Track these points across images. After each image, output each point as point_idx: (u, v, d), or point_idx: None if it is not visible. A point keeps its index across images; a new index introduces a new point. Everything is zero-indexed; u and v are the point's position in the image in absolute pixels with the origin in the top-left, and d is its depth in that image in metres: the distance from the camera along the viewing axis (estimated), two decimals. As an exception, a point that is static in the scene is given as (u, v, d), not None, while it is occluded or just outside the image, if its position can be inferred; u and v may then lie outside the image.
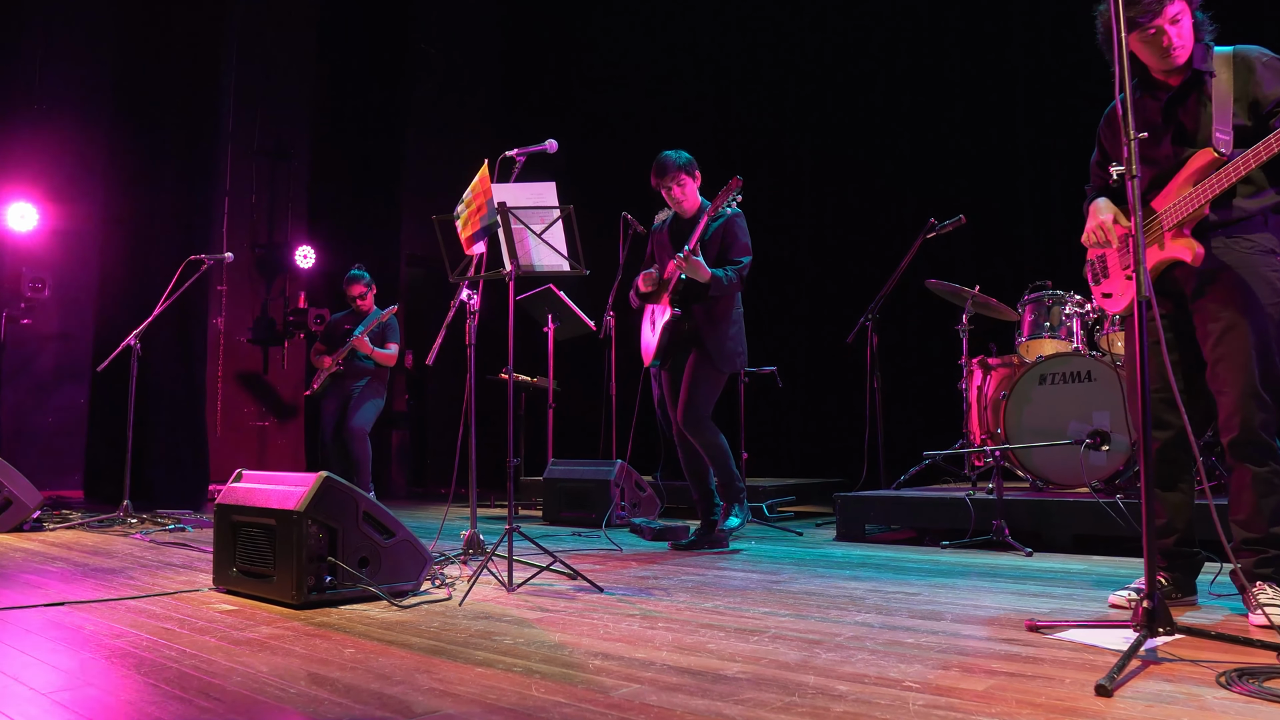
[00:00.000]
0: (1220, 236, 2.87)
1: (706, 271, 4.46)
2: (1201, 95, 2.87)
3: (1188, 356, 2.98)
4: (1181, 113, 2.92)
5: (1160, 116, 2.96)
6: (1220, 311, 2.86)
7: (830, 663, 2.27)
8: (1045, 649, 2.41)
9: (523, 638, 2.58)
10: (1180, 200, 2.88)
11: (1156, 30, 2.84)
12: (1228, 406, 2.85)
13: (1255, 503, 2.83)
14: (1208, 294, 2.88)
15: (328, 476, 3.09)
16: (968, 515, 4.76)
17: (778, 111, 8.47)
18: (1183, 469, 3.07)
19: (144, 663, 2.30)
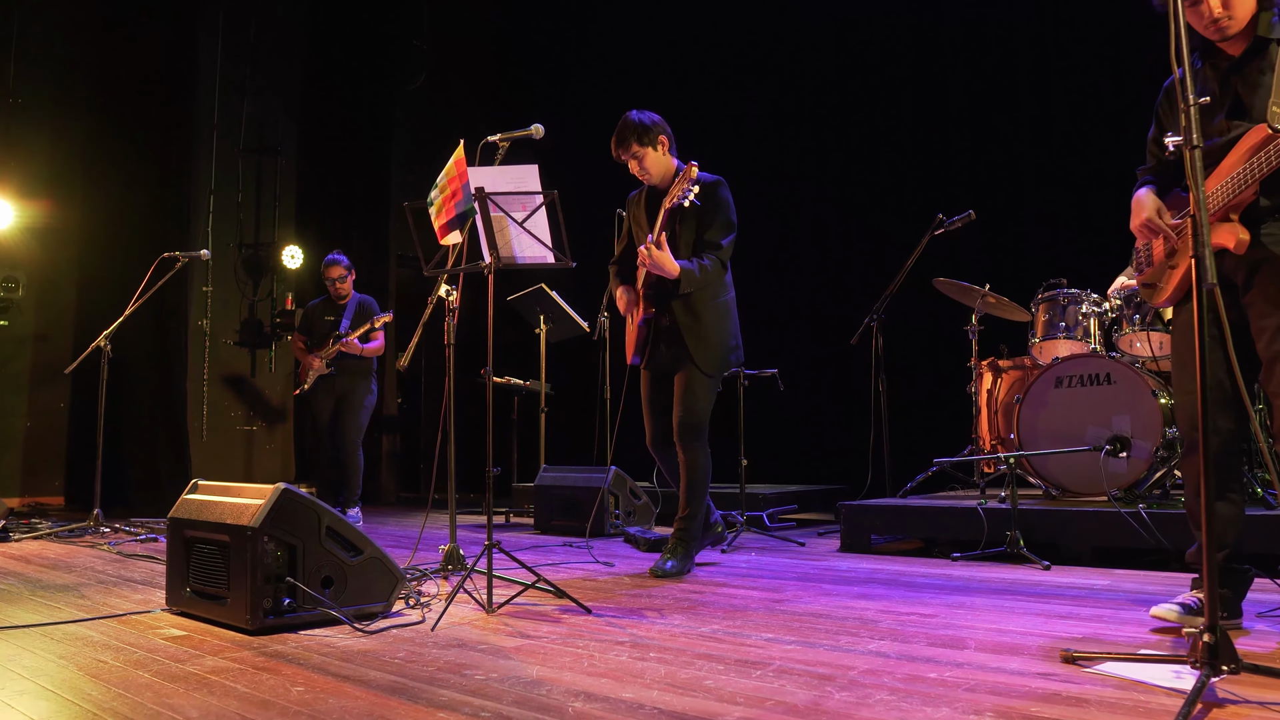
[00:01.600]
0: (1273, 223, 2.59)
1: (674, 266, 3.80)
2: (1264, 65, 2.60)
3: (1241, 353, 2.69)
4: (1239, 83, 2.66)
5: (1218, 86, 2.69)
6: (1272, 307, 2.59)
7: (845, 705, 1.99)
8: (1088, 686, 2.13)
9: (496, 672, 2.30)
10: (1228, 181, 2.61)
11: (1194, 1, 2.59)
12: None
13: None
14: (1259, 287, 2.61)
15: (285, 488, 2.81)
16: (980, 525, 4.49)
17: (781, 104, 8.19)
18: (1233, 477, 2.79)
19: (61, 706, 2.02)
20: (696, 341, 3.98)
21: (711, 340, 4.01)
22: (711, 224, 3.96)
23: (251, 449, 9.08)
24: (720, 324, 4.04)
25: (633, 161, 4.04)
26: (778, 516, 6.24)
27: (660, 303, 4.00)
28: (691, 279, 3.87)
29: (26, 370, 7.72)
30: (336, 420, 6.56)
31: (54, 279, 7.78)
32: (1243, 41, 2.66)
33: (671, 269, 3.80)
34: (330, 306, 6.70)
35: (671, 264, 3.80)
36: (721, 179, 4.04)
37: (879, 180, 7.54)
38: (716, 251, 3.95)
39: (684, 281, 3.85)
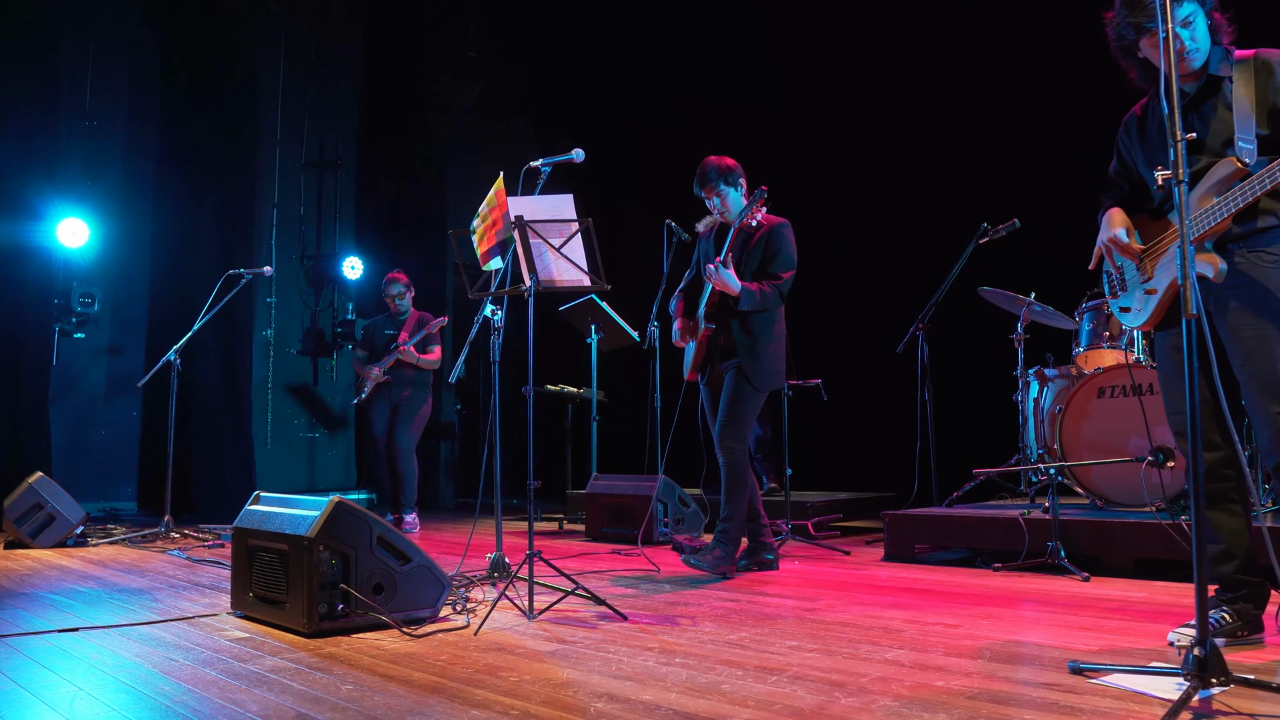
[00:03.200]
0: (1242, 250, 2.69)
1: (735, 285, 4.22)
2: (1218, 102, 2.72)
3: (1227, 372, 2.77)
4: (1195, 119, 2.76)
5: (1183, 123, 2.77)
6: (1245, 329, 2.67)
7: (848, 710, 2.11)
8: (1087, 696, 2.22)
9: (529, 674, 2.46)
10: (1203, 213, 2.68)
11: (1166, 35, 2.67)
12: (1264, 430, 2.67)
13: None
14: (1231, 311, 2.69)
15: (340, 501, 3.01)
16: (1021, 536, 4.54)
17: (827, 118, 8.26)
18: (1234, 489, 2.85)
19: (141, 697, 2.23)
20: (749, 357, 4.33)
21: (763, 359, 4.36)
22: (774, 259, 4.37)
23: (314, 456, 9.42)
24: (771, 347, 4.40)
25: (714, 199, 4.44)
26: (825, 525, 6.33)
27: (720, 321, 4.40)
28: (751, 298, 4.26)
29: (102, 381, 8.10)
30: (393, 429, 6.80)
31: (126, 293, 8.16)
32: (1195, 79, 2.76)
33: (734, 287, 4.22)
34: (390, 321, 6.95)
35: (734, 282, 4.22)
36: (787, 221, 4.46)
37: (925, 190, 7.57)
38: (776, 283, 4.33)
39: (744, 299, 4.25)
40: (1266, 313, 2.63)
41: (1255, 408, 2.69)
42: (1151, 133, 2.90)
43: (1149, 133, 2.91)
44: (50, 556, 5.06)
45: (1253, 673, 2.43)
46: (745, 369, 4.31)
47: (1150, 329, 3.01)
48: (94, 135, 7.96)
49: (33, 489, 5.36)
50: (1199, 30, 2.70)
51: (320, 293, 9.40)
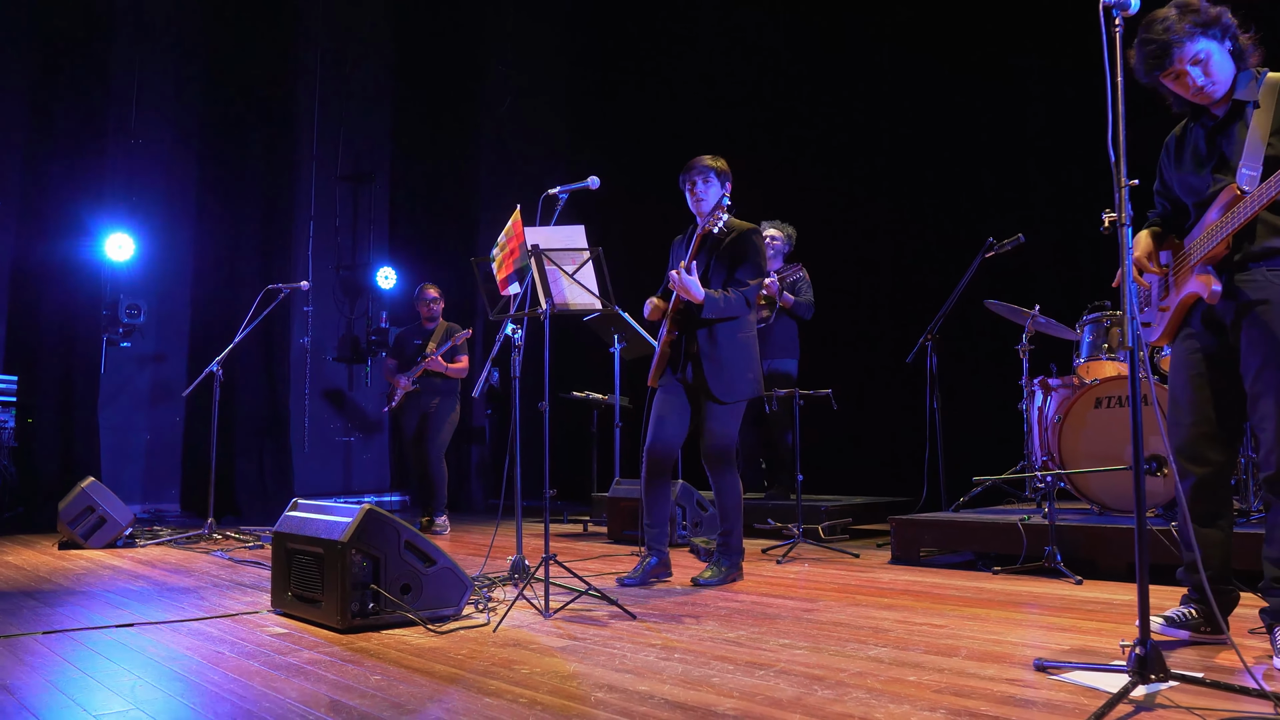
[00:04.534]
0: (1261, 268, 2.82)
1: (699, 293, 4.14)
2: (1243, 125, 2.84)
3: (1233, 390, 2.94)
4: (1223, 142, 2.90)
5: (1207, 145, 2.95)
6: (1258, 347, 2.80)
7: (822, 700, 2.36)
8: (1044, 691, 2.45)
9: (540, 667, 2.73)
10: (1205, 235, 2.88)
11: (1176, 74, 2.85)
12: (1267, 443, 2.81)
13: None
14: (1247, 328, 2.83)
15: (370, 509, 3.29)
16: (1020, 540, 4.74)
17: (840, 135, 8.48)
18: (1222, 504, 3.04)
19: (189, 687, 2.52)
20: (714, 368, 4.28)
21: (728, 369, 4.30)
22: (741, 265, 4.32)
23: (350, 459, 9.77)
24: (737, 355, 4.34)
25: (699, 183, 4.37)
26: (837, 529, 6.55)
27: (686, 329, 4.33)
28: (714, 306, 4.20)
29: (147, 388, 8.47)
30: (423, 435, 7.10)
31: (169, 304, 8.52)
32: (1224, 103, 2.92)
33: (697, 295, 4.16)
34: (419, 331, 7.25)
35: (697, 289, 4.16)
36: (757, 228, 4.44)
37: (933, 204, 7.77)
38: (742, 289, 4.29)
39: (706, 306, 4.19)
40: (1275, 330, 2.74)
41: (1257, 422, 2.83)
42: (1185, 156, 3.03)
43: (1184, 155, 3.04)
44: (102, 557, 5.40)
45: (1205, 670, 2.65)
46: (709, 382, 4.27)
47: (1164, 343, 3.20)
48: (138, 152, 8.33)
49: (85, 493, 5.70)
50: (1214, 64, 2.81)
51: (355, 302, 9.75)
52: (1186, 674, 2.41)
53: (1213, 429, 2.97)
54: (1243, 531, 3.74)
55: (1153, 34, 2.82)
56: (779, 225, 6.80)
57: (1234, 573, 3.10)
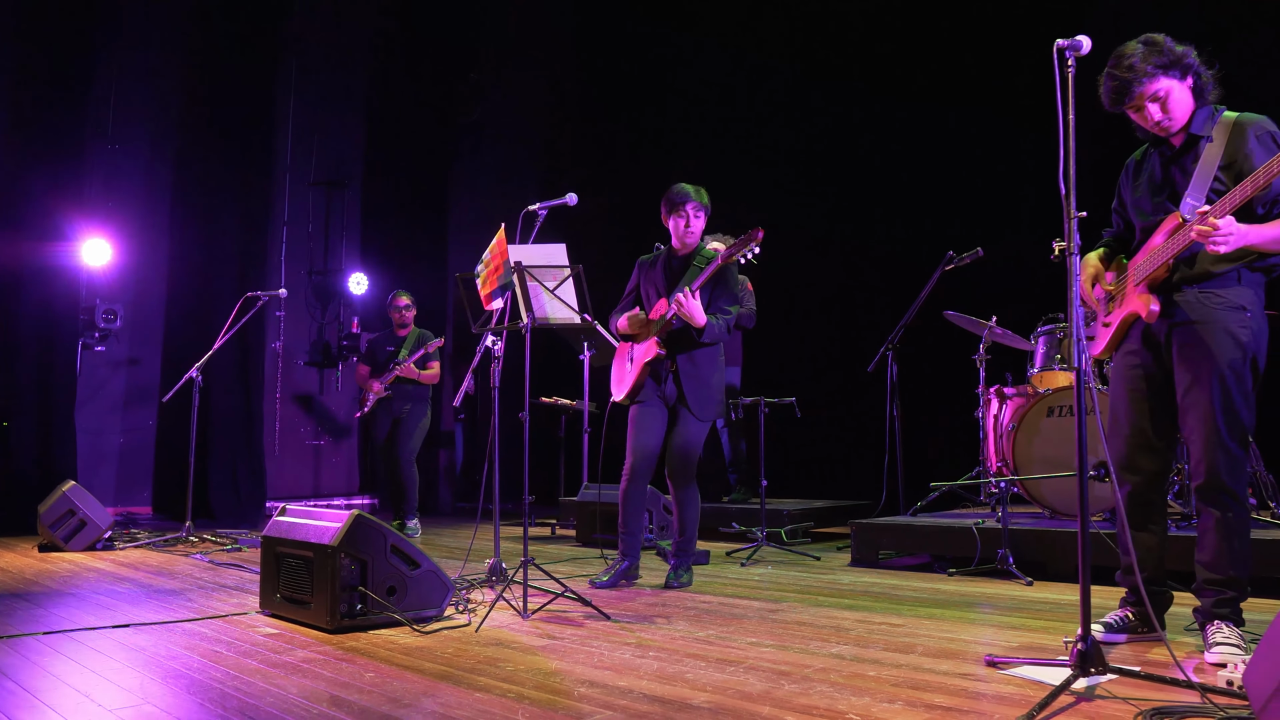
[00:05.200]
0: (1194, 290, 3.05)
1: (702, 317, 4.35)
2: (1194, 157, 3.06)
3: (1166, 403, 3.17)
4: (1176, 172, 3.12)
5: (1162, 173, 3.18)
6: (1189, 364, 3.03)
7: (789, 694, 2.55)
8: (993, 684, 2.65)
9: (524, 665, 2.90)
10: (1148, 258, 3.11)
11: (1137, 108, 3.08)
12: (1196, 454, 3.04)
13: (1218, 546, 3.03)
14: (1180, 346, 3.06)
15: (359, 515, 3.44)
16: (974, 543, 4.96)
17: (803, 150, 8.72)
18: (1156, 510, 3.27)
19: (194, 684, 2.66)
20: (695, 387, 4.51)
21: (706, 388, 4.54)
22: (725, 294, 4.57)
23: (319, 462, 9.86)
24: (715, 376, 4.59)
25: (689, 219, 4.58)
26: (799, 532, 6.77)
27: (671, 348, 4.53)
28: (713, 331, 4.44)
29: (120, 392, 8.52)
30: (394, 440, 7.21)
31: (144, 307, 8.57)
32: (1182, 135, 3.13)
33: (700, 319, 4.36)
34: (391, 338, 7.37)
35: (701, 314, 4.36)
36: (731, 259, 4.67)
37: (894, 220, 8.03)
38: (726, 317, 4.53)
39: (706, 331, 4.40)
40: (1206, 349, 2.99)
41: (1188, 435, 3.08)
42: (1142, 179, 3.26)
43: (1140, 179, 3.27)
44: (84, 559, 5.49)
45: (1142, 664, 2.87)
46: (689, 400, 4.49)
47: (1105, 356, 3.43)
48: (115, 157, 8.38)
49: (66, 496, 5.78)
50: (1173, 101, 3.03)
51: (327, 307, 9.84)
52: (1124, 667, 2.63)
53: (1147, 440, 3.20)
54: (1180, 535, 4.00)
55: (1119, 70, 3.05)
56: (721, 239, 6.99)
57: (1170, 574, 3.34)
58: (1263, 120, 3.03)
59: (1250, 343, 2.99)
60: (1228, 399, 2.98)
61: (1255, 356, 3.01)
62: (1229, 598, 3.03)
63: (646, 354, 4.56)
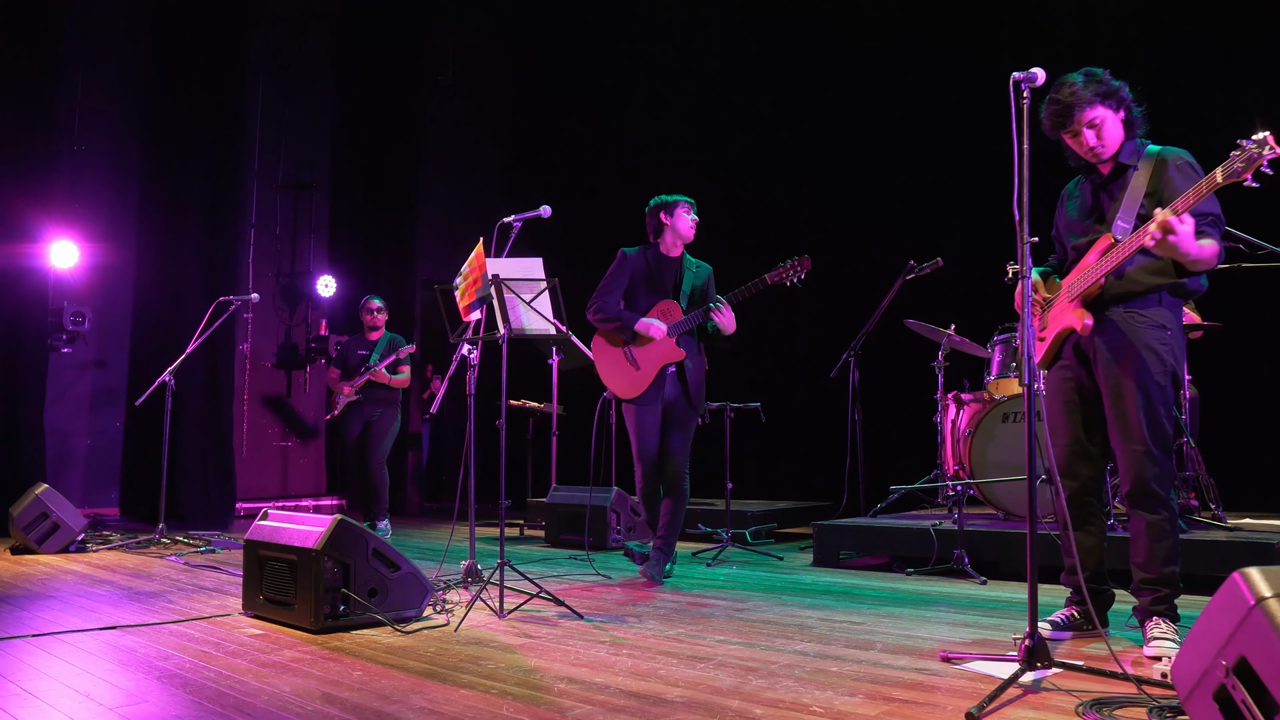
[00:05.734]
0: (1120, 309, 3.28)
1: (733, 326, 4.76)
2: (1122, 184, 3.31)
3: (1097, 413, 3.38)
4: (1105, 197, 3.37)
5: (1091, 197, 3.41)
6: (1115, 377, 3.27)
7: (757, 689, 2.71)
8: (948, 678, 2.83)
9: (504, 663, 3.03)
10: (1081, 275, 3.32)
11: (1074, 133, 3.30)
12: (1124, 463, 3.27)
13: (1150, 547, 3.24)
14: (1106, 361, 3.29)
15: (342, 519, 3.55)
16: (932, 544, 5.17)
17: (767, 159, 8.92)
18: (1093, 513, 3.49)
19: (189, 683, 2.77)
20: (697, 389, 4.90)
21: (703, 388, 4.97)
22: (709, 297, 4.93)
23: (286, 464, 9.89)
24: (703, 375, 4.99)
25: (695, 220, 5.00)
26: (763, 534, 6.95)
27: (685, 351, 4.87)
28: (734, 338, 4.87)
29: (88, 394, 8.51)
30: (364, 443, 7.30)
31: (112, 309, 8.56)
32: (1110, 164, 3.37)
33: (733, 327, 4.79)
34: (363, 342, 7.46)
35: (733, 324, 4.78)
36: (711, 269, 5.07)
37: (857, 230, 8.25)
38: None
39: (733, 337, 4.85)
40: (1131, 364, 3.22)
41: (1116, 443, 3.30)
42: (1073, 204, 3.51)
43: (1072, 204, 3.52)
44: (58, 562, 5.53)
45: (1085, 659, 3.06)
46: (694, 400, 4.88)
47: (1040, 368, 3.63)
48: (82, 159, 8.37)
49: (39, 499, 5.81)
50: (1107, 129, 3.28)
51: (294, 309, 9.87)
52: (1067, 662, 2.82)
53: (1082, 448, 3.43)
54: (1122, 536, 4.21)
55: (1060, 96, 3.29)
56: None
57: (1113, 573, 3.54)
58: (1182, 152, 3.29)
59: (1170, 359, 3.24)
60: (1152, 410, 3.21)
61: (1175, 372, 3.26)
62: (1164, 595, 3.24)
63: (668, 356, 4.82)
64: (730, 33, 9.25)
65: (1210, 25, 6.43)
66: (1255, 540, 4.49)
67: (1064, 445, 3.45)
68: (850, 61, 8.33)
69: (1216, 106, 6.36)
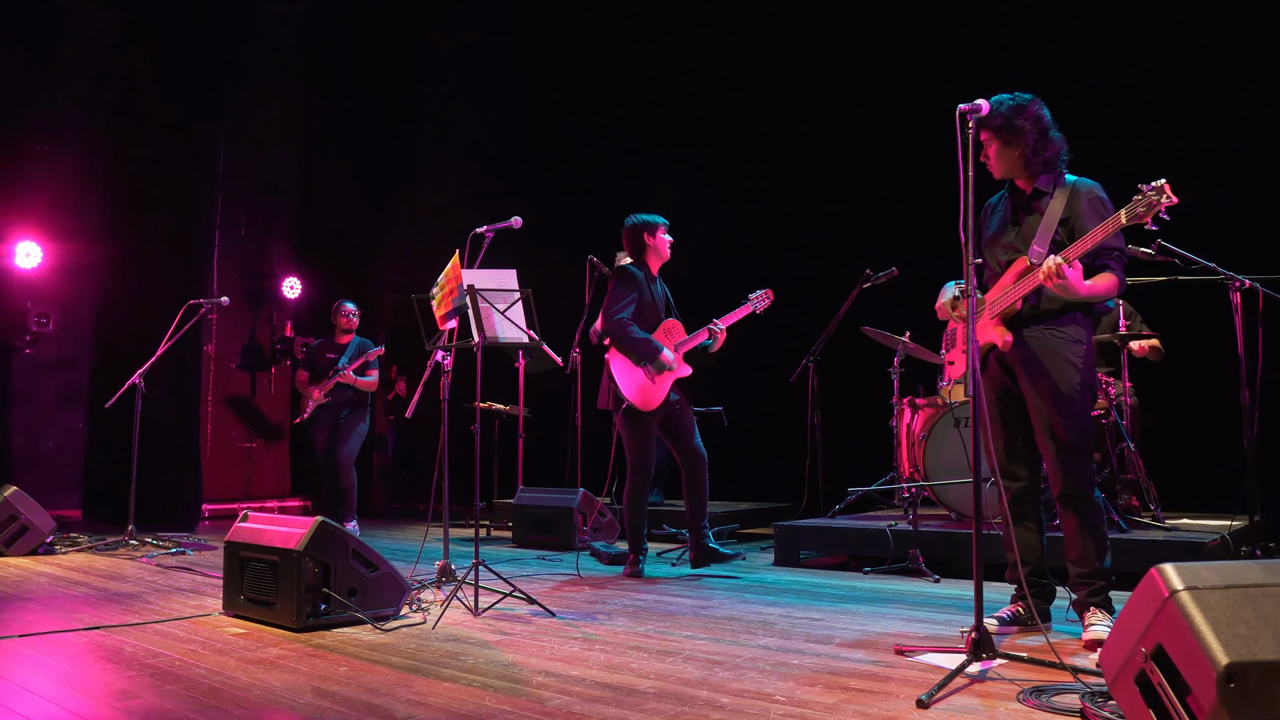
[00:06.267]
0: (1040, 327, 3.54)
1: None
2: (1039, 210, 3.56)
3: (1025, 420, 3.62)
4: (1025, 219, 3.62)
5: (1012, 214, 3.65)
6: (1038, 388, 3.51)
7: (723, 680, 2.88)
8: (901, 669, 3.03)
9: (483, 658, 3.19)
10: (1001, 294, 3.56)
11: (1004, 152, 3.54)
12: (1051, 467, 3.53)
13: (1081, 544, 3.49)
14: (1030, 373, 3.54)
15: (323, 521, 3.68)
16: (888, 544, 5.38)
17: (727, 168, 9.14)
18: (1032, 511, 3.72)
19: (181, 679, 2.89)
20: (689, 393, 5.41)
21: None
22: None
23: (251, 465, 9.94)
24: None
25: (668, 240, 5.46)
26: (726, 534, 7.14)
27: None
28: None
29: (51, 395, 8.51)
30: (333, 445, 7.39)
31: (76, 311, 8.58)
32: (1028, 187, 3.61)
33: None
34: (332, 345, 7.54)
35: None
36: None
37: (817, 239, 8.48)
38: None
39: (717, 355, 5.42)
40: (1052, 376, 3.46)
41: (1044, 449, 3.54)
42: (995, 220, 3.75)
43: (994, 220, 3.76)
44: (29, 564, 5.58)
45: (1028, 652, 3.27)
46: (690, 401, 5.41)
47: (958, 379, 3.87)
48: (47, 160, 8.37)
49: (8, 501, 5.85)
50: (1004, 157, 3.54)
51: (259, 310, 9.91)
52: (1011, 653, 3.04)
53: (1018, 451, 3.66)
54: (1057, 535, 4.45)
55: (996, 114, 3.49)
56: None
57: (1054, 570, 3.77)
58: (1095, 186, 3.55)
59: (1085, 371, 3.49)
60: (1074, 418, 3.47)
61: (1090, 383, 3.52)
62: (1099, 587, 3.48)
63: (680, 373, 5.36)
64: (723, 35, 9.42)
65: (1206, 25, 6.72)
66: (1190, 540, 4.76)
67: (1001, 451, 3.68)
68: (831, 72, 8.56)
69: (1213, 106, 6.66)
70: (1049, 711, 2.56)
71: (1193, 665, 1.89)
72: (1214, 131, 6.67)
